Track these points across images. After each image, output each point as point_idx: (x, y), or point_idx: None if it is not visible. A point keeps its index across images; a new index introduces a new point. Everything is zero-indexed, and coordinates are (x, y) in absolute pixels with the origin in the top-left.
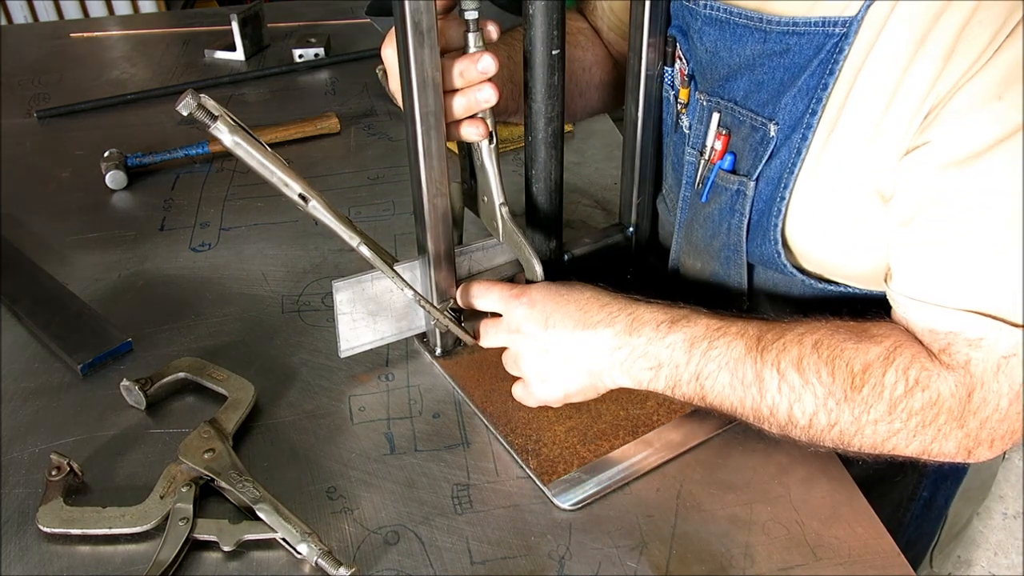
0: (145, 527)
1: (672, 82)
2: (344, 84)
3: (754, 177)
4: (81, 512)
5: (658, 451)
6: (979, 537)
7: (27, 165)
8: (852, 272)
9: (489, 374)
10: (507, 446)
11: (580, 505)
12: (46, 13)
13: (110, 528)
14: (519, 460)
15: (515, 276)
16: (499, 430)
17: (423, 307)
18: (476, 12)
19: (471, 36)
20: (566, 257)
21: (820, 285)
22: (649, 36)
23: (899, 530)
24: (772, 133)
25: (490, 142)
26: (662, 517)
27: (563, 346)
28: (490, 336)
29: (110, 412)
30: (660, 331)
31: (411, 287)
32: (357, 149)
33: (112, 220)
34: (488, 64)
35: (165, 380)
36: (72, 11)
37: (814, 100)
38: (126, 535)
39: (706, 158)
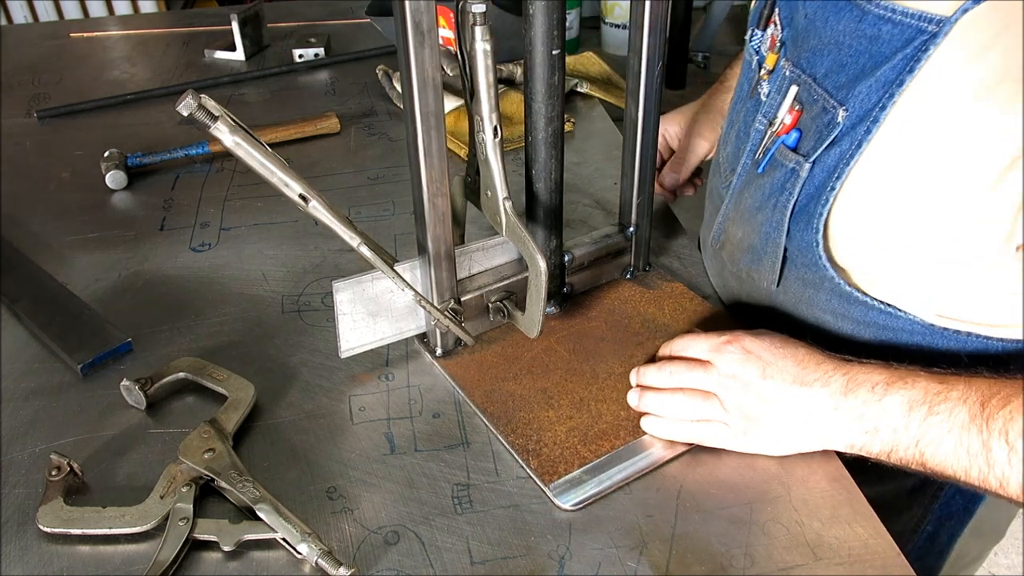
0: (145, 527)
1: (758, 47)
2: (344, 84)
3: (811, 159)
4: (81, 512)
5: (658, 451)
6: None
7: (27, 165)
8: (891, 278)
9: (489, 374)
10: (507, 446)
11: (581, 505)
12: (46, 13)
13: (110, 528)
14: (519, 460)
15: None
16: (499, 430)
17: (423, 307)
18: (483, 6)
19: (478, 30)
20: (566, 257)
21: (847, 289)
22: (650, 36)
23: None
24: (840, 119)
25: (495, 136)
26: (662, 517)
27: (780, 399)
28: (687, 375)
29: (110, 412)
30: (876, 393)
31: (411, 287)
32: (357, 149)
33: (112, 220)
34: None
35: (165, 380)
36: (72, 11)
37: (886, 95)
38: (126, 535)
39: (774, 129)
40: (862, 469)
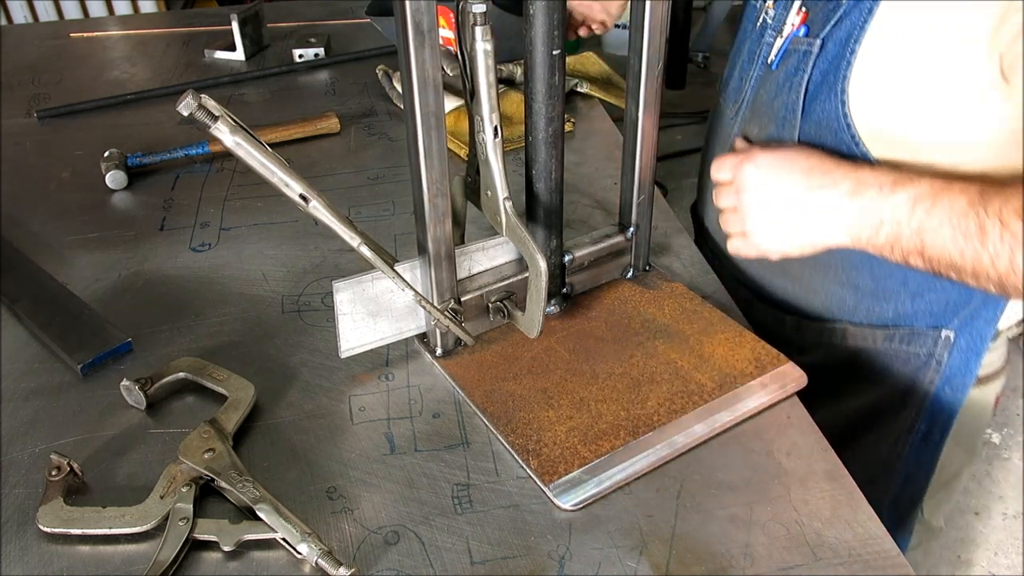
0: (145, 527)
1: None
2: (344, 84)
3: (820, 37)
4: (81, 512)
5: (658, 451)
6: (979, 537)
7: (27, 165)
8: (915, 137)
9: (489, 374)
10: (507, 446)
11: (581, 505)
12: (46, 13)
13: (110, 528)
14: (519, 460)
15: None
16: (499, 430)
17: (423, 307)
18: (484, 6)
19: (478, 30)
20: (566, 257)
21: (863, 150)
22: (650, 36)
23: (899, 463)
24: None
25: (495, 136)
26: (662, 517)
27: (789, 206)
28: (722, 197)
29: (110, 412)
30: (884, 192)
31: (411, 287)
32: (357, 149)
33: (112, 220)
34: None
35: (165, 380)
36: (72, 11)
37: None
38: (126, 535)
39: (784, 36)
40: (858, 376)
